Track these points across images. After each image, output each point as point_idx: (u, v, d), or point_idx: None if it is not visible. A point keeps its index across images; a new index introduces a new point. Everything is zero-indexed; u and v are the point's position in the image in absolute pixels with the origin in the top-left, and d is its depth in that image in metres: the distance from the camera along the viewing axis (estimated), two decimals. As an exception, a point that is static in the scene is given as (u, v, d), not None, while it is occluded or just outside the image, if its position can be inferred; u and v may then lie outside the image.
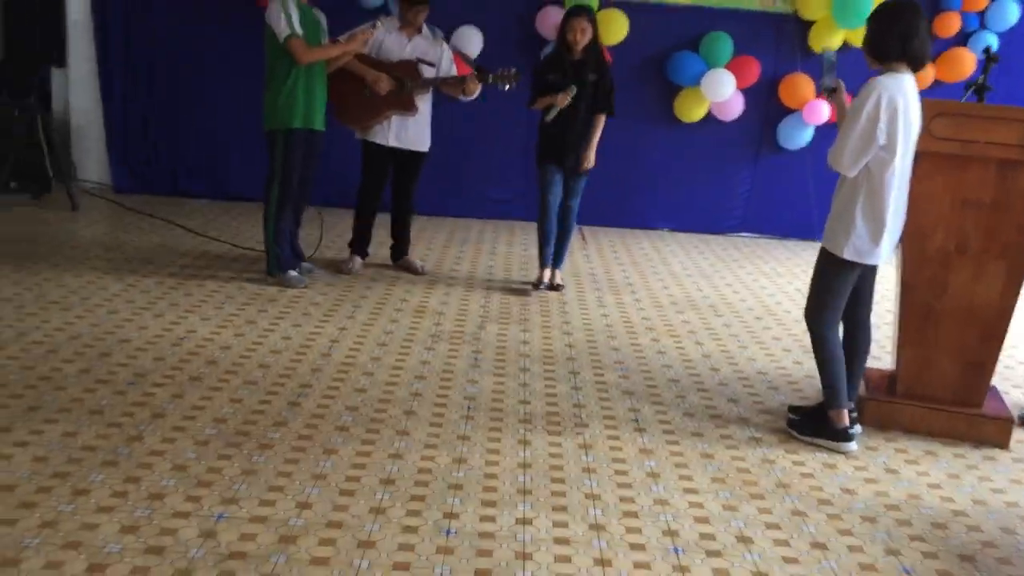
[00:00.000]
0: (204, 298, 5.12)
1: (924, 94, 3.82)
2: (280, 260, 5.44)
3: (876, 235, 3.59)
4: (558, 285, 5.83)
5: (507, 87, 5.60)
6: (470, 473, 3.29)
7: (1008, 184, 3.77)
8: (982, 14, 7.48)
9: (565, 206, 5.72)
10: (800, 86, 7.49)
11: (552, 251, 5.80)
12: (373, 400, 3.91)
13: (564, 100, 5.37)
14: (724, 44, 7.44)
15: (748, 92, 7.55)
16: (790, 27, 7.52)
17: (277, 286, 5.42)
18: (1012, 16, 7.45)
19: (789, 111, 7.62)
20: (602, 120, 5.59)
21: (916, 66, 3.55)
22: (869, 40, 3.61)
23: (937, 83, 7.48)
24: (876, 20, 3.59)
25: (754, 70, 7.50)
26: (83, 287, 5.14)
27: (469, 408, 3.90)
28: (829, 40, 7.25)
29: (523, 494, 3.16)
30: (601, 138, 5.60)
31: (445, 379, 4.21)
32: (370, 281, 5.74)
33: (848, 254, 3.64)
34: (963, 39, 7.51)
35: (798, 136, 7.64)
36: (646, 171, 7.84)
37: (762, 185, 7.95)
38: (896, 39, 3.51)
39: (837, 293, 3.74)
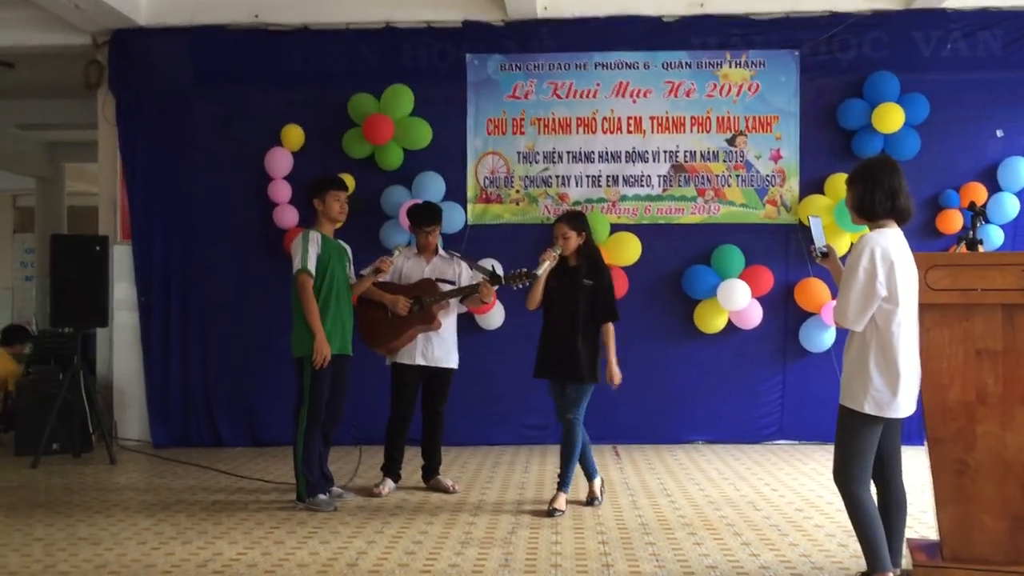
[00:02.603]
0: (233, 525, 5.10)
1: (918, 247, 3.92)
2: (309, 484, 5.45)
3: (893, 386, 3.58)
4: (592, 499, 5.55)
5: (518, 286, 5.76)
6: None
7: (1016, 329, 3.78)
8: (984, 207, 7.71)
9: (564, 419, 5.40)
10: (815, 290, 7.64)
11: (569, 473, 5.44)
12: (399, 601, 3.79)
13: (549, 256, 5.41)
14: (735, 256, 7.70)
15: (764, 300, 7.70)
16: (796, 235, 7.80)
17: (307, 510, 5.39)
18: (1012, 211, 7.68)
19: (808, 315, 7.73)
20: (611, 329, 5.47)
21: (903, 220, 3.70)
22: (856, 201, 3.74)
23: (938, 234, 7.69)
24: (860, 181, 3.73)
25: (767, 278, 7.70)
26: (114, 524, 5.16)
27: (499, 604, 3.77)
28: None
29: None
30: (626, 355, 5.54)
31: (474, 580, 4.10)
32: (401, 501, 5.69)
33: (868, 408, 3.61)
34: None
35: (820, 338, 7.70)
36: (675, 385, 7.86)
37: (794, 390, 7.90)
38: (885, 198, 3.66)
39: (863, 449, 3.68)
